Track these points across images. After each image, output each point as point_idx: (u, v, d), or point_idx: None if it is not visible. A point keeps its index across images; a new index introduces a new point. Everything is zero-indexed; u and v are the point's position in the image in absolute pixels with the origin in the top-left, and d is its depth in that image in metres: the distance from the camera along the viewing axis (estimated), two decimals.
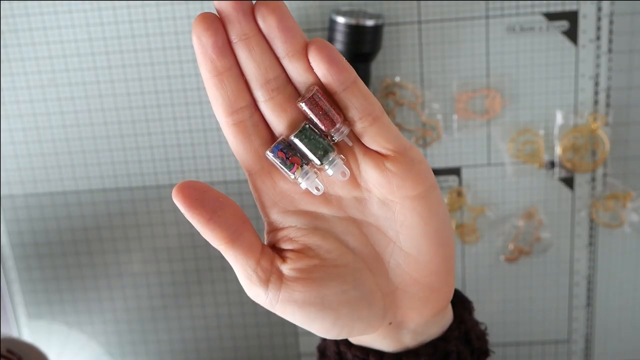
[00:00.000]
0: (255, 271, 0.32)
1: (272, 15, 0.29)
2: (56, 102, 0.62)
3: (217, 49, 0.30)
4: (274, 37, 0.30)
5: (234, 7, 0.30)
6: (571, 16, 0.58)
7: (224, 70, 0.31)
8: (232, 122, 0.31)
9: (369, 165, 0.32)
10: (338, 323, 0.33)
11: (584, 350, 0.68)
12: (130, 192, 0.64)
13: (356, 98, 0.31)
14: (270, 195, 0.33)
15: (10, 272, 0.67)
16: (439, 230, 0.34)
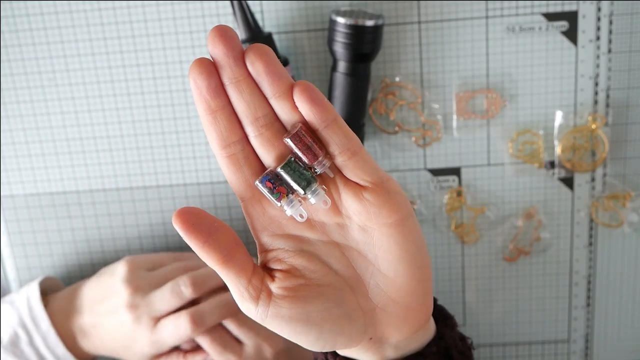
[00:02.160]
0: (247, 289, 0.36)
1: (260, 60, 0.33)
2: (56, 102, 0.62)
3: (211, 91, 0.34)
4: (262, 80, 0.34)
5: (226, 53, 0.33)
6: (571, 16, 0.58)
7: (217, 109, 0.34)
8: (226, 155, 0.35)
9: (348, 195, 0.36)
10: (322, 337, 0.37)
11: (583, 350, 0.68)
12: (130, 192, 0.64)
13: (336, 135, 0.34)
14: (260, 220, 0.37)
15: (10, 272, 0.67)
16: (414, 255, 0.37)
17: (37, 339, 0.57)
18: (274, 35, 0.58)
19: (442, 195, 0.63)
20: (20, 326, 0.57)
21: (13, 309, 0.58)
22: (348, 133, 0.35)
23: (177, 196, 0.64)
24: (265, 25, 0.59)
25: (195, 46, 0.60)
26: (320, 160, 0.35)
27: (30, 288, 0.59)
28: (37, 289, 0.59)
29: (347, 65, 0.56)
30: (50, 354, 0.57)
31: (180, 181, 0.64)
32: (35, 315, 0.57)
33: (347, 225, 0.37)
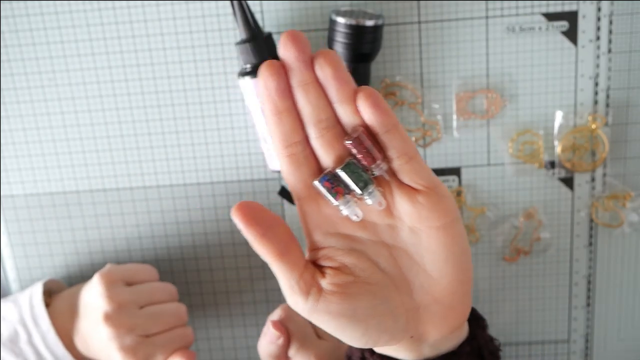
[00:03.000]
0: (298, 283, 0.37)
1: (328, 66, 0.35)
2: (56, 102, 0.62)
3: (279, 92, 0.35)
4: (329, 84, 0.35)
5: (297, 57, 0.35)
6: (571, 16, 0.58)
7: (283, 110, 0.36)
8: (287, 154, 0.37)
9: (402, 197, 0.37)
10: (366, 333, 0.38)
11: (583, 350, 0.68)
12: (130, 192, 0.64)
13: (396, 139, 0.36)
14: (314, 219, 0.38)
15: (10, 272, 0.67)
16: (458, 257, 0.38)
17: (36, 337, 0.57)
18: (274, 35, 0.58)
19: None
20: (20, 324, 0.57)
21: (15, 307, 0.58)
22: (406, 138, 0.36)
23: (177, 196, 0.64)
24: (265, 25, 0.59)
25: (195, 46, 0.60)
26: (378, 164, 0.36)
27: (34, 288, 0.59)
28: (41, 288, 0.59)
29: (347, 65, 0.56)
30: (49, 353, 0.57)
31: (180, 181, 0.64)
32: (36, 314, 0.57)
33: (397, 226, 0.38)
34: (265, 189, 0.64)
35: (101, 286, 0.57)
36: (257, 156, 0.63)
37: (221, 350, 0.69)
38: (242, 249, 0.66)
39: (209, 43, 0.60)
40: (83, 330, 0.58)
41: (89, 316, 0.57)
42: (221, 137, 0.62)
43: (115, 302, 0.56)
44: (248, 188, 0.64)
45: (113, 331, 0.55)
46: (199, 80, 0.61)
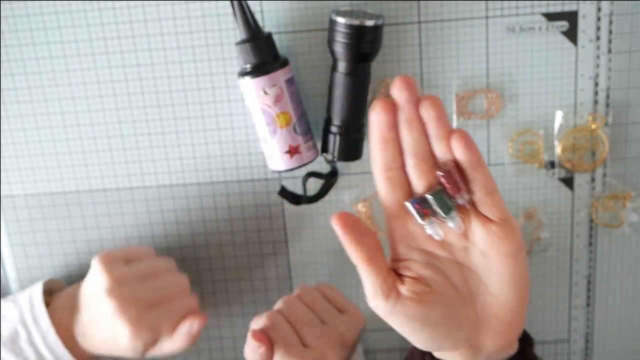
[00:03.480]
0: (381, 286, 0.42)
1: (432, 109, 0.41)
2: (56, 102, 0.62)
3: (388, 125, 0.42)
4: (430, 124, 0.42)
5: (408, 100, 0.41)
6: (571, 16, 0.58)
7: (389, 140, 0.42)
8: (386, 177, 0.43)
9: (478, 225, 0.43)
10: (433, 338, 0.44)
11: (583, 350, 0.68)
12: (130, 192, 0.64)
13: (480, 176, 0.42)
14: (401, 233, 0.44)
15: (10, 272, 0.67)
16: (520, 281, 0.44)
17: (36, 337, 0.57)
18: (274, 35, 0.58)
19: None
20: (20, 323, 0.57)
21: (16, 306, 0.58)
22: (488, 175, 0.43)
23: (177, 196, 0.64)
24: (265, 25, 0.59)
25: (195, 46, 0.60)
26: (462, 194, 0.42)
27: (34, 287, 0.59)
28: (41, 288, 0.59)
29: (347, 65, 0.56)
30: (49, 352, 0.57)
31: (180, 181, 0.64)
32: (36, 314, 0.57)
33: (470, 249, 0.44)
34: (265, 189, 0.64)
35: (100, 265, 0.57)
36: (257, 156, 0.63)
37: (221, 350, 0.69)
38: (242, 248, 0.66)
39: (209, 43, 0.60)
40: (85, 319, 0.58)
41: (91, 300, 0.57)
42: (221, 137, 0.62)
43: (115, 276, 0.56)
44: (248, 188, 0.64)
45: (117, 304, 0.55)
46: (199, 80, 0.61)
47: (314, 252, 0.66)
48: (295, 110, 0.57)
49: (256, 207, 0.65)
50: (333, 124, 0.58)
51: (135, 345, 0.56)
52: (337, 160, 0.59)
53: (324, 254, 0.66)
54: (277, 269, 0.66)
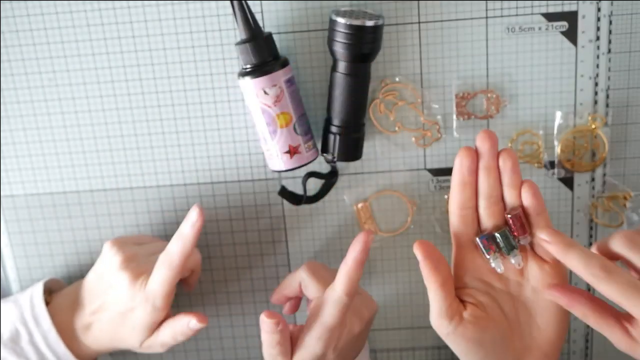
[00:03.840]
0: (447, 309, 0.49)
1: (510, 160, 0.49)
2: (57, 102, 0.62)
3: (469, 170, 0.49)
4: (506, 173, 0.49)
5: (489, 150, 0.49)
6: (570, 17, 0.58)
7: (467, 182, 0.50)
8: (460, 214, 0.50)
9: (534, 264, 0.50)
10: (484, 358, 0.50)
11: (583, 350, 0.68)
12: (130, 192, 0.64)
13: (542, 222, 0.49)
14: (468, 264, 0.51)
15: (10, 272, 0.67)
16: (563, 317, 0.50)
17: (37, 337, 0.57)
18: (274, 35, 0.58)
19: (442, 195, 0.63)
20: (21, 324, 0.57)
21: (16, 307, 0.58)
22: (549, 222, 0.49)
23: (177, 196, 0.64)
24: (265, 25, 0.59)
25: (196, 46, 0.60)
26: (525, 236, 0.49)
27: (34, 287, 0.59)
28: (41, 288, 0.59)
29: (347, 65, 0.56)
30: (51, 352, 0.57)
31: (180, 181, 0.64)
32: (36, 314, 0.57)
33: (524, 284, 0.51)
34: (266, 189, 0.64)
35: (112, 246, 0.58)
36: (258, 156, 0.63)
37: (221, 350, 0.69)
38: (242, 248, 0.66)
39: (209, 43, 0.60)
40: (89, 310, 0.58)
41: (100, 283, 0.58)
42: (221, 137, 0.62)
43: (128, 252, 0.58)
44: (248, 188, 0.64)
45: (132, 275, 0.56)
46: (199, 81, 0.61)
47: (314, 252, 0.66)
48: (295, 110, 0.58)
49: (256, 207, 0.65)
50: (333, 124, 0.58)
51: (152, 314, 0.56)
52: (337, 160, 0.60)
53: (324, 254, 0.66)
54: (277, 269, 0.66)
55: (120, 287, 0.56)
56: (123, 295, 0.56)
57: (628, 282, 0.44)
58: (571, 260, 0.46)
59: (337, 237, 0.65)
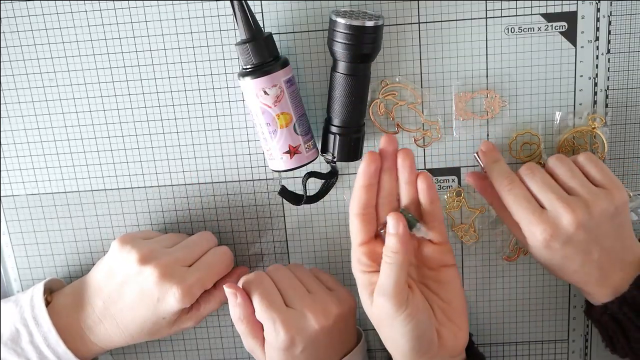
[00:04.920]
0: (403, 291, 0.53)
1: (408, 159, 0.54)
2: (57, 102, 0.62)
3: (375, 172, 0.54)
4: (405, 171, 0.54)
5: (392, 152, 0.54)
6: (570, 17, 0.58)
7: (372, 184, 0.54)
8: (363, 213, 0.54)
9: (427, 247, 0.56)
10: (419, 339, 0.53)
11: (582, 349, 0.68)
12: (131, 192, 0.64)
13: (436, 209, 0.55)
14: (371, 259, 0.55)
15: (11, 271, 0.67)
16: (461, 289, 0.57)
17: (37, 337, 0.57)
18: (274, 35, 0.58)
19: (442, 195, 0.63)
20: (21, 324, 0.57)
21: (17, 307, 0.58)
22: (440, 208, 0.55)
23: (177, 196, 0.64)
24: (265, 25, 0.60)
25: (196, 46, 0.60)
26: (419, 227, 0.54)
27: (35, 288, 0.60)
28: (42, 288, 0.59)
29: (347, 66, 0.56)
30: (51, 352, 0.57)
31: (181, 181, 0.64)
32: (37, 314, 0.57)
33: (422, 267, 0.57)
34: (266, 189, 0.64)
35: (123, 244, 0.58)
36: (258, 156, 0.63)
37: (221, 349, 0.69)
38: (242, 248, 0.66)
39: (209, 44, 0.60)
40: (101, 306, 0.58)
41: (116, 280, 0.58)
42: (222, 137, 0.63)
43: (145, 248, 0.58)
44: (249, 188, 0.64)
45: (159, 269, 0.56)
46: (199, 81, 0.61)
47: (314, 252, 0.66)
48: (295, 110, 0.58)
49: (256, 207, 0.65)
50: (333, 124, 0.58)
51: (184, 304, 0.57)
52: (337, 160, 0.60)
53: (323, 254, 0.66)
54: None
55: (145, 281, 0.56)
56: (150, 288, 0.56)
57: (524, 197, 0.54)
58: (491, 170, 0.57)
59: (337, 237, 0.65)
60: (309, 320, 0.56)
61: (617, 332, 0.56)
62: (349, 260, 0.66)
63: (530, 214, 0.53)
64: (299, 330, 0.56)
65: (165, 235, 0.63)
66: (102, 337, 0.59)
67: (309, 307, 0.57)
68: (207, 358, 0.69)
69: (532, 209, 0.54)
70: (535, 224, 0.53)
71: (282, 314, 0.56)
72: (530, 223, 0.53)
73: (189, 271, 0.58)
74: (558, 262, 0.55)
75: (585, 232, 0.53)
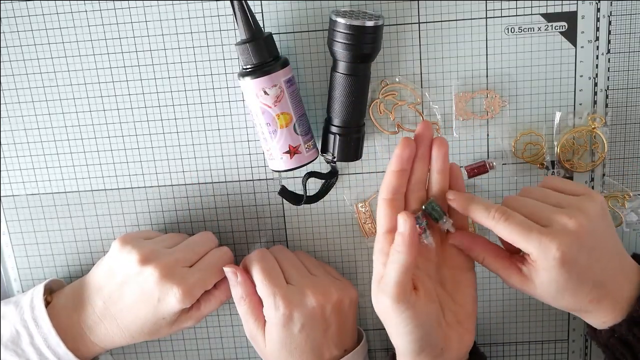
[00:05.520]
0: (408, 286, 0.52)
1: (443, 148, 0.54)
2: (57, 102, 0.62)
3: (409, 158, 0.53)
4: (439, 160, 0.54)
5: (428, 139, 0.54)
6: (570, 17, 0.58)
7: (404, 170, 0.53)
8: (393, 198, 0.53)
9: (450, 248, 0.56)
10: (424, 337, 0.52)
11: (582, 349, 0.68)
12: (131, 192, 0.65)
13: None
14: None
15: (11, 271, 0.67)
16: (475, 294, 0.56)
17: (38, 338, 0.57)
18: (274, 35, 0.58)
19: None
20: (22, 325, 0.57)
21: (17, 308, 0.58)
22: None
23: (177, 196, 0.64)
24: (265, 25, 0.60)
25: (196, 47, 0.60)
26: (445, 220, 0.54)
27: (35, 289, 0.60)
28: (42, 289, 0.59)
29: (347, 66, 0.56)
30: (52, 353, 0.57)
31: (181, 181, 0.64)
32: (36, 315, 0.57)
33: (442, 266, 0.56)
34: (266, 189, 0.64)
35: (124, 244, 0.58)
36: (258, 156, 0.63)
37: (221, 349, 0.69)
38: (242, 248, 0.66)
39: (209, 44, 0.60)
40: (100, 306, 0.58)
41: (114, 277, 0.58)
42: (222, 137, 0.63)
43: (145, 248, 0.58)
44: (249, 188, 0.64)
45: (160, 269, 0.56)
46: (199, 81, 0.61)
47: (314, 252, 0.66)
48: (295, 110, 0.58)
49: (256, 207, 0.65)
50: (333, 124, 0.58)
51: (184, 304, 0.57)
52: (337, 160, 0.60)
53: (324, 254, 0.66)
54: None
55: (146, 281, 0.56)
56: (150, 288, 0.56)
57: (522, 222, 0.50)
58: (473, 211, 0.52)
59: (337, 237, 0.65)
60: (308, 297, 0.57)
61: (627, 355, 0.53)
62: (349, 261, 0.66)
63: (539, 233, 0.49)
64: (298, 306, 0.57)
65: (166, 235, 0.63)
66: (103, 337, 0.59)
67: (309, 286, 0.58)
68: (207, 358, 0.69)
69: (537, 228, 0.50)
70: (547, 241, 0.49)
71: (283, 289, 0.57)
72: (541, 243, 0.49)
73: (189, 271, 0.58)
74: (574, 281, 0.50)
75: (590, 236, 0.50)
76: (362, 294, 0.66)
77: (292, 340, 0.57)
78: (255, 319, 0.59)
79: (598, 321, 0.53)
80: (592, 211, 0.51)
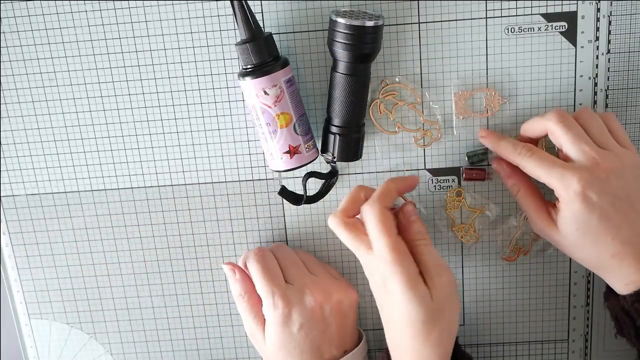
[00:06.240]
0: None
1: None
2: (57, 102, 0.62)
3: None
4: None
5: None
6: (570, 17, 0.58)
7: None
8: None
9: None
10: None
11: (582, 349, 0.68)
12: (131, 192, 0.65)
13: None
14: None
15: (11, 272, 0.67)
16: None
17: None
18: (274, 35, 0.58)
19: (442, 195, 0.63)
20: None
21: None
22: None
23: (177, 196, 0.64)
24: (265, 25, 0.60)
25: (196, 47, 0.60)
26: None
27: None
28: None
29: (347, 66, 0.56)
30: None
31: (181, 181, 0.64)
32: None
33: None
34: (266, 189, 0.64)
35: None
36: (258, 156, 0.63)
37: (221, 350, 0.69)
38: (242, 248, 0.66)
39: (209, 44, 0.60)
40: None
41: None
42: (222, 137, 0.63)
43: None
44: (249, 188, 0.64)
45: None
46: (199, 81, 0.61)
47: (314, 252, 0.66)
48: (295, 110, 0.58)
49: (256, 207, 0.65)
50: (333, 124, 0.58)
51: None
52: (337, 160, 0.60)
53: (323, 254, 0.66)
54: None
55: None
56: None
57: (548, 157, 0.52)
58: (502, 147, 0.55)
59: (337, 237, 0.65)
60: (308, 297, 0.57)
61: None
62: (349, 261, 0.66)
63: (561, 167, 0.51)
64: (296, 305, 0.57)
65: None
66: None
67: (308, 286, 0.58)
68: (207, 358, 0.69)
69: (561, 163, 0.52)
70: (569, 175, 0.50)
71: (282, 288, 0.57)
72: (563, 176, 0.51)
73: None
74: (595, 224, 0.51)
75: (617, 184, 0.51)
76: (362, 294, 0.66)
77: (291, 339, 0.57)
78: (255, 317, 0.59)
79: (621, 283, 0.53)
80: (627, 164, 0.52)
